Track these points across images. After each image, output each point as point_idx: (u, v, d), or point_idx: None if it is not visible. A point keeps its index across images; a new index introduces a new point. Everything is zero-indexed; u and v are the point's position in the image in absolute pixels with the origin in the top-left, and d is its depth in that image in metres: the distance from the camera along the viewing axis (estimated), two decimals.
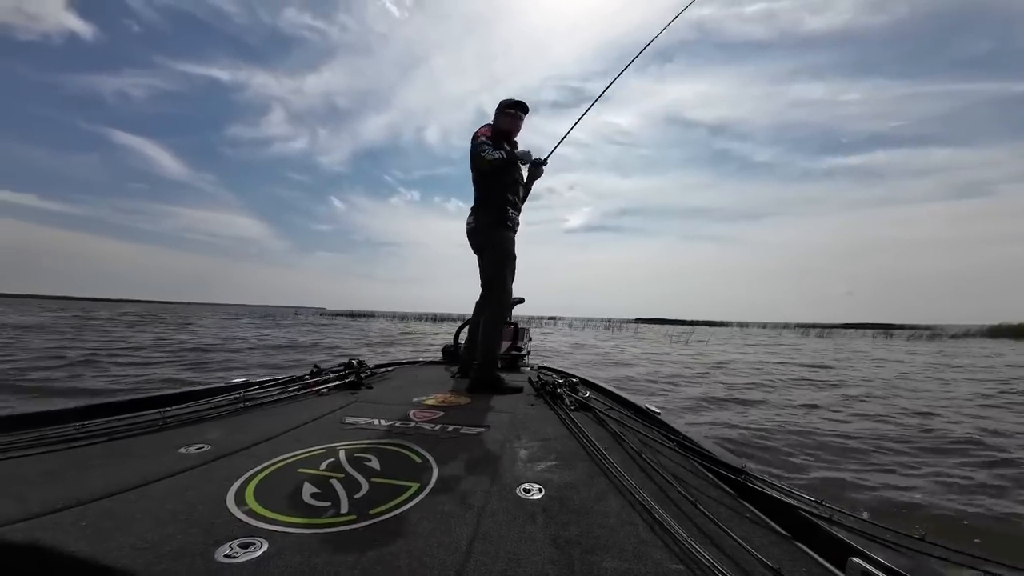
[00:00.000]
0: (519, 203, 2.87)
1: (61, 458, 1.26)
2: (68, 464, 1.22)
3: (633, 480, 1.22)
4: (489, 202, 2.73)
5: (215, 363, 8.19)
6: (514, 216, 2.80)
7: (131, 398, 1.84)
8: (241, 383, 2.23)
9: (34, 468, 1.17)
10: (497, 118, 2.83)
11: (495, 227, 2.72)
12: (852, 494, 2.81)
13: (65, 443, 1.37)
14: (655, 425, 1.85)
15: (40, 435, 1.38)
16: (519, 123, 2.86)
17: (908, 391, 7.00)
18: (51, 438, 1.38)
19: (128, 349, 9.56)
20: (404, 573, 0.79)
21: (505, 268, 2.76)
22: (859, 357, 13.71)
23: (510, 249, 2.78)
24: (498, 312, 2.72)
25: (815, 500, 1.08)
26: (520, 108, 2.82)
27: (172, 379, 6.30)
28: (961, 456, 3.61)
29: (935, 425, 4.65)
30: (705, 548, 0.88)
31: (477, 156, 2.61)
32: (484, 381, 2.56)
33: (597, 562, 0.85)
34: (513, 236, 2.80)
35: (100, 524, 0.89)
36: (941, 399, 6.30)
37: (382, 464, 1.32)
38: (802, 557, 0.90)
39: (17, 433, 1.39)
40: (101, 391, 5.33)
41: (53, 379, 5.78)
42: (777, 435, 4.12)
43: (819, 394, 6.65)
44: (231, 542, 0.85)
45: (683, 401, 5.83)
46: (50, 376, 5.97)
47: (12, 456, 1.24)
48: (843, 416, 5.11)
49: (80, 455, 1.30)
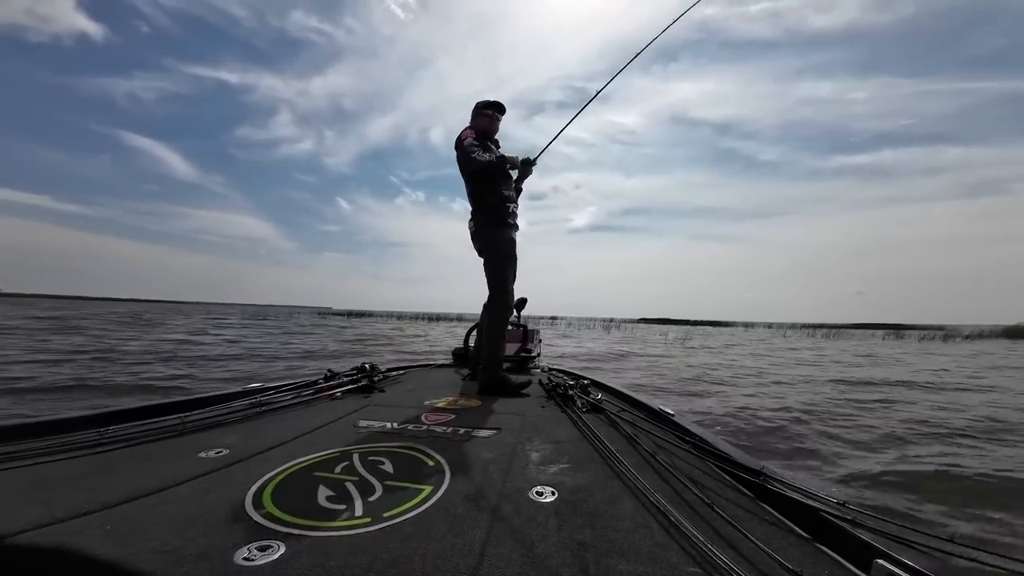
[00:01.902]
0: (515, 199, 2.86)
1: (86, 463, 1.30)
2: (92, 469, 1.25)
3: (647, 482, 1.20)
4: (485, 203, 2.73)
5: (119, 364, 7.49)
6: (513, 212, 2.78)
7: (152, 403, 1.89)
8: (257, 388, 2.27)
9: (60, 473, 1.21)
10: (475, 119, 2.83)
11: (493, 227, 2.72)
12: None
13: (89, 448, 1.41)
14: (669, 427, 1.83)
15: (65, 441, 1.42)
16: (497, 123, 2.87)
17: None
18: (76, 444, 1.42)
19: (45, 351, 8.68)
20: None
21: (505, 269, 2.74)
22: (895, 363, 11.73)
23: (510, 250, 2.76)
24: (500, 314, 2.72)
25: (838, 501, 1.05)
26: (497, 109, 2.84)
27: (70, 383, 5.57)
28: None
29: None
30: (723, 551, 0.86)
31: (468, 159, 2.60)
32: (491, 383, 2.56)
33: (612, 565, 0.84)
34: (512, 235, 2.79)
35: (123, 528, 0.91)
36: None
37: (395, 467, 1.33)
38: (824, 560, 0.88)
39: (43, 439, 1.43)
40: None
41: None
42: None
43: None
44: (249, 545, 0.86)
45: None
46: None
47: (39, 462, 1.28)
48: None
49: (104, 460, 1.34)
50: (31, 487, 1.10)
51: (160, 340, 12.33)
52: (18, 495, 1.04)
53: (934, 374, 9.18)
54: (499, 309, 2.72)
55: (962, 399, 6.25)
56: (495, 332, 2.67)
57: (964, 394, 6.73)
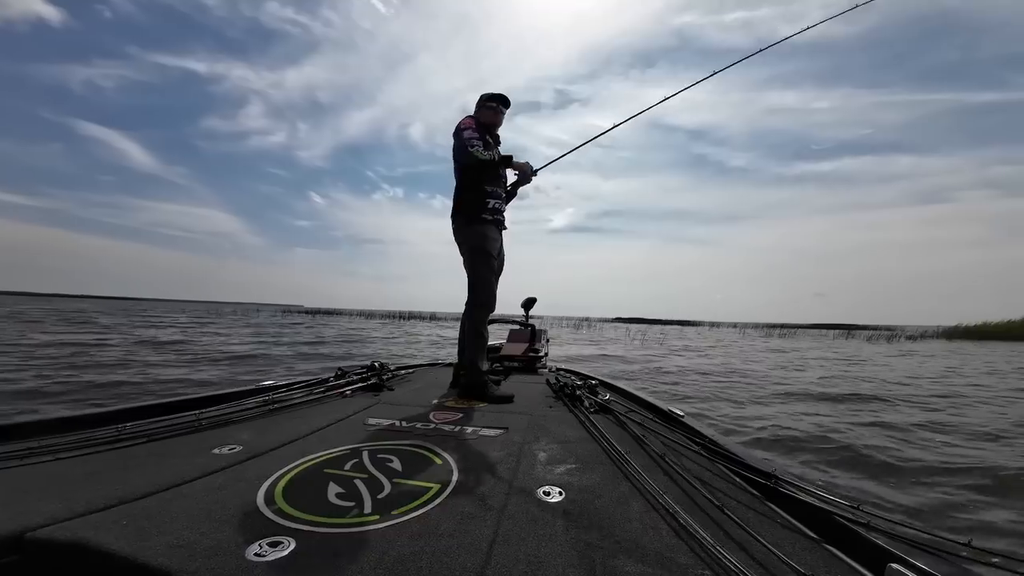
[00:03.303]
0: (501, 196, 2.74)
1: (104, 459, 1.33)
2: (111, 465, 1.28)
3: (656, 484, 1.19)
4: (467, 197, 2.62)
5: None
6: (496, 208, 2.65)
7: (168, 400, 1.93)
8: (269, 386, 2.31)
9: (79, 469, 1.24)
10: (478, 111, 2.74)
11: (472, 223, 2.59)
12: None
13: (108, 444, 1.44)
14: (678, 428, 1.81)
15: (85, 437, 1.45)
16: (500, 117, 2.78)
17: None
18: (95, 440, 1.45)
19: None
20: (426, 574, 0.79)
21: (482, 266, 2.59)
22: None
23: (487, 246, 2.59)
24: (478, 313, 2.60)
25: (852, 505, 1.03)
26: (502, 102, 2.74)
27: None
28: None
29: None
30: (733, 553, 0.85)
31: (465, 151, 2.49)
32: (471, 387, 2.44)
33: (619, 566, 0.84)
34: (492, 231, 2.63)
35: (139, 523, 0.93)
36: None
37: (404, 465, 1.34)
38: (837, 564, 0.87)
39: (64, 435, 1.47)
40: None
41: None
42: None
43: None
44: (261, 540, 0.87)
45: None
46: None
47: (60, 457, 1.32)
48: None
49: (122, 456, 1.37)
50: (50, 483, 1.13)
51: (57, 343, 9.64)
52: (38, 491, 1.07)
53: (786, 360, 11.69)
54: (471, 307, 2.60)
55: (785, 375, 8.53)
56: (475, 333, 2.57)
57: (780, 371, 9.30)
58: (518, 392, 2.49)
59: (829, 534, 0.99)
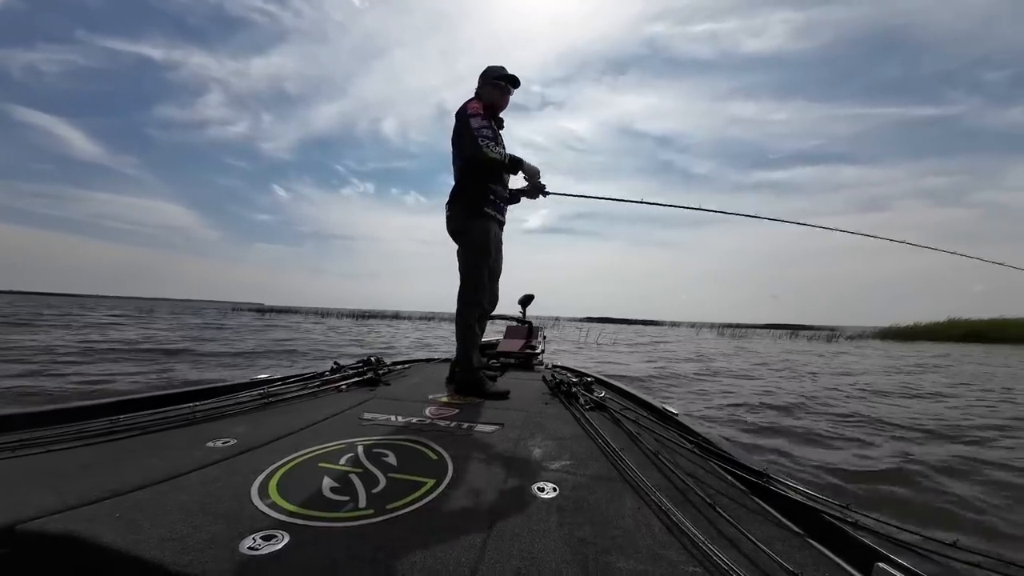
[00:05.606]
0: (503, 193, 2.62)
1: (98, 451, 1.32)
2: (104, 457, 1.27)
3: (649, 481, 1.20)
4: (466, 189, 2.49)
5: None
6: (495, 203, 2.54)
7: (163, 393, 1.92)
8: (265, 379, 2.30)
9: (72, 461, 1.23)
10: (485, 89, 2.53)
11: (469, 217, 2.47)
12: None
13: (102, 437, 1.43)
14: (672, 426, 1.83)
15: (78, 429, 1.44)
16: (508, 98, 2.59)
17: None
18: (88, 432, 1.44)
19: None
20: (419, 568, 0.80)
21: (476, 261, 2.48)
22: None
23: (483, 241, 2.47)
24: (468, 309, 2.51)
25: (841, 504, 1.04)
26: (511, 82, 2.55)
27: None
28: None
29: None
30: (723, 550, 0.86)
31: (473, 144, 2.31)
32: (466, 384, 2.41)
33: (612, 562, 0.85)
34: (491, 226, 2.52)
35: (132, 516, 0.93)
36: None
37: (399, 460, 1.34)
38: (825, 562, 0.88)
39: (56, 427, 1.46)
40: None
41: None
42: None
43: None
44: (254, 534, 0.87)
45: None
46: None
47: (52, 450, 1.31)
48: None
49: (116, 448, 1.36)
50: (43, 474, 1.12)
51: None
52: (29, 482, 1.06)
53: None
54: (460, 303, 2.52)
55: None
56: (466, 328, 2.49)
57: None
58: (514, 389, 2.50)
59: (818, 532, 1.00)
